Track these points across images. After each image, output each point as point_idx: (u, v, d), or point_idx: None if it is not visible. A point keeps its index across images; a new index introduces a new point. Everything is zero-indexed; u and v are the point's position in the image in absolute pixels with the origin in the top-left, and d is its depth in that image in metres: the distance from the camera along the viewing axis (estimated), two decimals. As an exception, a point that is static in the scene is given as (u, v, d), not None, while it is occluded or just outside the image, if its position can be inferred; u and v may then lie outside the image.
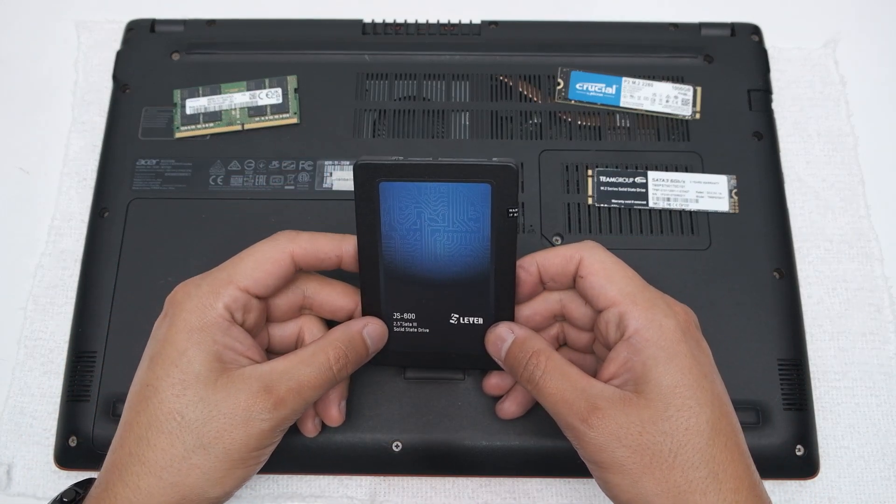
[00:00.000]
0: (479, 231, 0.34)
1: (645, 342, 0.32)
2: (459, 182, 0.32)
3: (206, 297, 0.33)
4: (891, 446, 0.42)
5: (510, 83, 0.47)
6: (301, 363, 0.33)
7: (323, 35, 0.48)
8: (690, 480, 0.30)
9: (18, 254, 0.46)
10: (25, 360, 0.43)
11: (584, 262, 0.34)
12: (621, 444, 0.30)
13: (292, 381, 0.32)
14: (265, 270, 0.34)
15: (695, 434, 0.30)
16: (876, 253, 0.46)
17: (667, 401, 0.31)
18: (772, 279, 0.42)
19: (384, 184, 0.33)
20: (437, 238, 0.34)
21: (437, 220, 0.33)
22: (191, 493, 0.31)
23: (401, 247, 0.34)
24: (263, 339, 0.36)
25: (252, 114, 0.46)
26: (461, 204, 0.33)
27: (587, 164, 0.44)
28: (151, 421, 0.32)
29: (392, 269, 0.35)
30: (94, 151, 0.47)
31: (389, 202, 0.33)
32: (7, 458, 0.41)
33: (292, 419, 0.33)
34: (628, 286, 0.33)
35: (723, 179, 0.44)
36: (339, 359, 0.34)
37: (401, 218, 0.34)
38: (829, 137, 0.48)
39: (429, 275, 0.35)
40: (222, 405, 0.31)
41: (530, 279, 0.35)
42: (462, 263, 0.34)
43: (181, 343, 0.32)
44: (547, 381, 0.32)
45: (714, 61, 0.47)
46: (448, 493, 0.41)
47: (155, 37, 0.48)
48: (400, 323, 0.36)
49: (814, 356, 0.43)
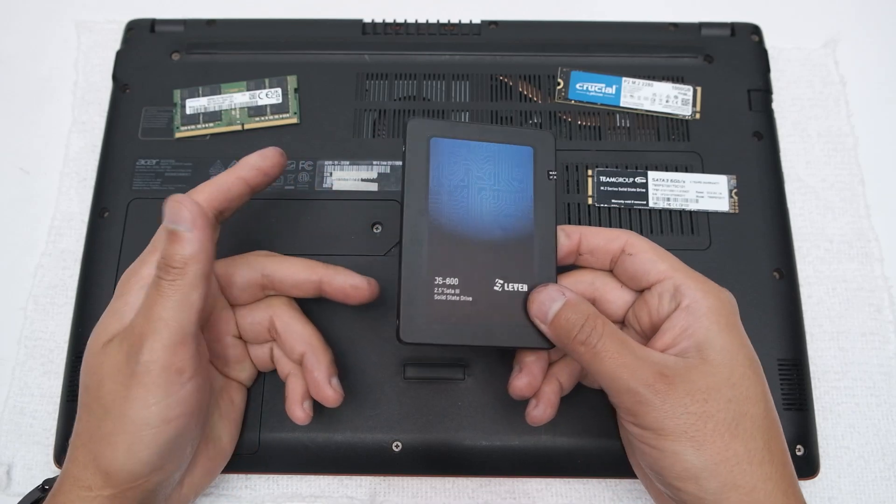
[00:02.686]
0: (523, 191, 0.35)
1: (706, 310, 0.32)
2: (506, 143, 0.35)
3: (133, 267, 0.34)
4: (891, 446, 0.42)
5: (510, 83, 0.47)
6: (145, 293, 0.32)
7: (323, 35, 0.48)
8: (749, 450, 0.30)
9: (18, 254, 0.46)
10: (25, 360, 0.43)
11: (631, 242, 0.35)
12: (686, 411, 0.30)
13: (142, 311, 0.32)
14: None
15: (754, 404, 0.31)
16: (876, 253, 0.46)
17: (731, 368, 0.31)
18: (772, 279, 0.42)
19: (436, 139, 0.34)
20: (484, 196, 0.34)
21: (483, 177, 0.35)
22: (109, 466, 0.31)
23: (448, 203, 0.34)
24: (230, 326, 0.37)
25: (252, 114, 0.46)
26: (507, 163, 0.35)
27: (587, 164, 0.44)
28: (79, 397, 0.33)
29: (438, 228, 0.34)
30: (94, 151, 0.47)
31: (440, 158, 0.34)
32: (7, 458, 0.41)
33: (171, 349, 0.31)
34: (678, 263, 0.34)
35: (723, 179, 0.44)
36: (160, 264, 0.32)
37: (449, 174, 0.34)
38: (829, 137, 0.48)
39: (474, 235, 0.34)
40: (105, 365, 0.32)
41: (569, 245, 0.35)
42: (507, 224, 0.34)
43: (101, 316, 0.34)
44: (607, 345, 0.31)
45: (714, 61, 0.47)
46: (448, 493, 0.41)
47: (155, 37, 0.48)
48: (442, 289, 0.34)
49: (814, 356, 0.43)
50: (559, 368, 0.36)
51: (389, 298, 0.40)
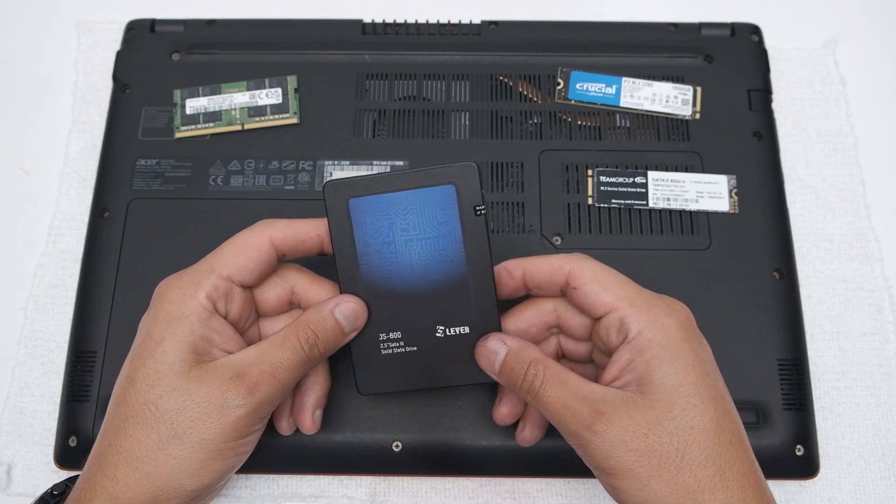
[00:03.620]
0: (451, 234, 0.34)
1: (648, 342, 0.32)
2: (424, 188, 0.34)
3: (186, 287, 0.33)
4: (891, 446, 0.42)
5: (510, 83, 0.47)
6: (272, 346, 0.33)
7: (323, 35, 0.48)
8: (699, 479, 0.30)
9: (18, 254, 0.46)
10: (25, 360, 0.43)
11: (573, 273, 0.34)
12: (628, 448, 0.30)
13: (265, 365, 0.32)
14: (246, 257, 0.34)
15: (700, 433, 0.30)
16: (876, 253, 0.46)
17: (671, 400, 0.30)
18: (772, 279, 0.42)
19: (354, 200, 0.34)
20: (412, 247, 0.34)
21: (408, 228, 0.34)
22: (166, 484, 0.31)
23: (377, 262, 0.34)
24: (253, 335, 0.36)
25: (252, 114, 0.46)
26: (429, 208, 0.34)
27: (587, 164, 0.44)
28: (128, 412, 0.32)
29: (372, 288, 0.35)
30: (94, 151, 0.47)
31: (361, 218, 0.34)
32: (7, 458, 0.41)
33: (269, 405, 0.33)
34: (624, 290, 0.33)
35: (723, 179, 0.44)
36: (309, 338, 0.33)
37: (374, 232, 0.34)
38: (829, 137, 0.48)
39: (409, 287, 0.35)
40: (195, 395, 0.31)
41: (512, 282, 0.35)
42: (439, 270, 0.35)
43: (158, 334, 0.33)
44: (547, 389, 0.32)
45: (714, 61, 0.47)
46: (448, 493, 0.41)
47: (155, 37, 0.48)
48: (387, 345, 0.35)
49: (814, 356, 0.43)
50: None
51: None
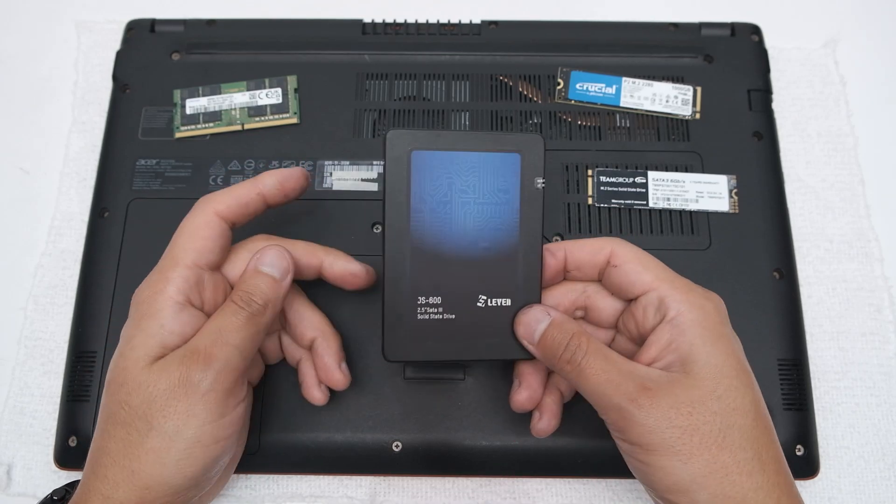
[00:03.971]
0: (509, 203, 0.33)
1: (690, 323, 0.32)
2: (490, 151, 0.33)
3: (156, 284, 0.34)
4: (891, 446, 0.42)
5: (510, 83, 0.47)
6: (216, 317, 0.33)
7: (323, 35, 0.48)
8: (738, 461, 0.30)
9: (18, 254, 0.46)
10: (25, 360, 0.43)
11: (615, 252, 0.34)
12: (671, 425, 0.30)
13: (212, 334, 0.32)
14: (201, 236, 0.34)
15: (741, 415, 0.31)
16: (876, 253, 0.46)
17: (716, 380, 0.31)
18: (772, 279, 0.42)
19: (416, 152, 0.33)
20: (468, 210, 0.33)
21: (467, 190, 0.33)
22: (151, 480, 0.31)
23: (430, 221, 0.33)
24: None
25: (252, 114, 0.46)
26: (492, 173, 0.33)
27: (587, 164, 0.44)
28: (108, 414, 0.32)
29: (420, 247, 0.33)
30: (94, 151, 0.47)
31: (421, 172, 0.33)
32: (7, 458, 0.41)
33: (231, 372, 0.32)
34: (663, 273, 0.34)
35: (723, 179, 0.44)
36: (243, 297, 0.33)
37: (431, 189, 0.33)
38: (829, 137, 0.48)
39: (457, 251, 0.33)
40: (159, 383, 0.31)
41: (555, 264, 0.35)
42: (491, 238, 0.33)
43: (129, 334, 0.33)
44: (591, 362, 0.32)
45: (714, 61, 0.47)
46: (448, 493, 0.41)
47: (155, 37, 0.48)
48: (425, 309, 0.34)
49: (814, 356, 0.43)
50: (559, 378, 0.36)
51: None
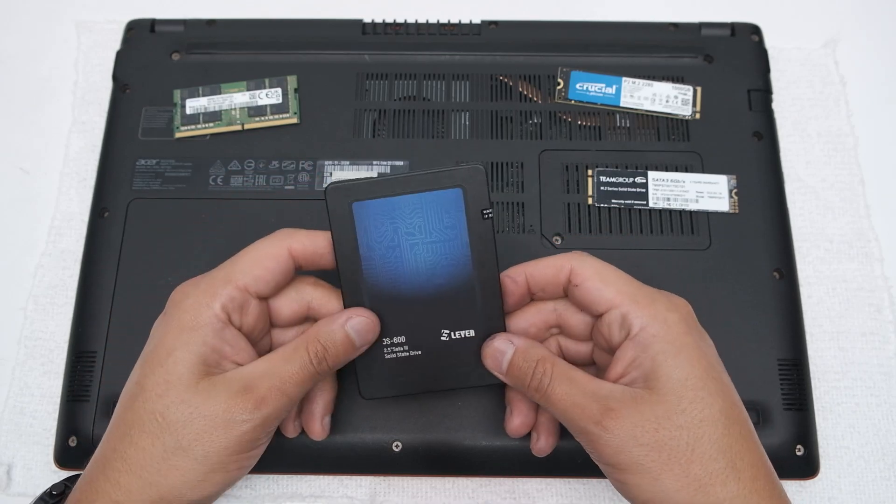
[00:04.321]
0: (458, 238, 0.34)
1: (652, 338, 0.32)
2: (430, 191, 0.34)
3: (202, 296, 0.33)
4: (891, 446, 0.42)
5: (510, 83, 0.47)
6: (281, 360, 0.33)
7: (323, 35, 0.48)
8: (710, 472, 0.30)
9: (18, 254, 0.46)
10: (25, 360, 0.43)
11: (575, 271, 0.34)
12: (638, 443, 0.30)
13: (273, 379, 0.32)
14: (264, 267, 0.34)
15: (710, 425, 0.30)
16: (876, 253, 0.46)
17: (679, 394, 0.31)
18: (772, 279, 0.42)
19: (358, 203, 0.34)
20: (417, 251, 0.34)
21: (413, 233, 0.34)
22: (168, 494, 0.31)
23: (381, 266, 0.34)
24: (265, 346, 0.36)
25: (252, 114, 0.46)
26: (435, 212, 0.34)
27: (587, 164, 0.44)
28: (135, 419, 0.32)
29: (376, 292, 0.34)
30: (94, 151, 0.47)
31: (365, 222, 0.34)
32: (7, 458, 0.41)
33: (276, 419, 0.33)
34: (625, 286, 0.33)
35: (723, 179, 0.44)
36: (318, 352, 0.33)
37: (377, 236, 0.34)
38: (829, 137, 0.48)
39: (414, 291, 0.34)
40: (202, 407, 0.31)
41: (518, 289, 0.35)
42: (445, 274, 0.34)
43: (170, 343, 0.33)
44: (556, 387, 0.32)
45: (714, 61, 0.47)
46: (448, 493, 0.41)
47: (155, 37, 0.48)
48: (391, 349, 0.35)
49: (814, 356, 0.43)
50: None
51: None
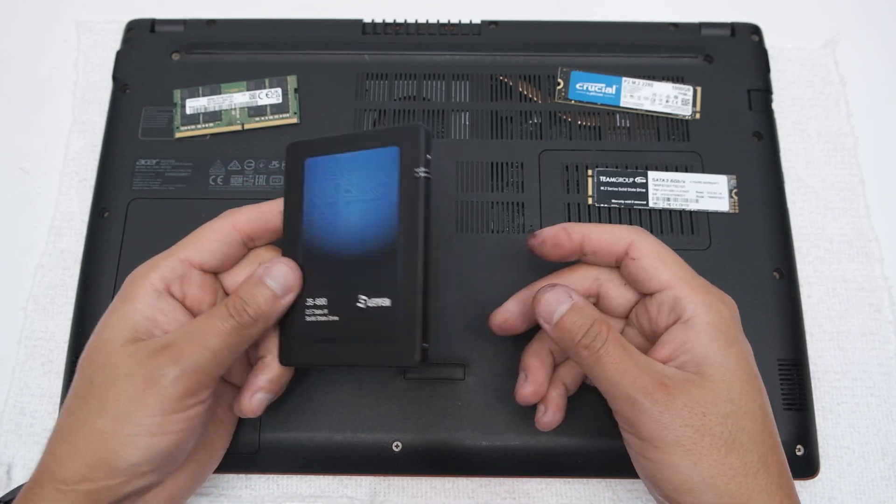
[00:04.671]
0: (388, 197, 0.32)
1: (706, 326, 0.32)
2: (371, 149, 0.33)
3: (143, 269, 0.34)
4: (891, 446, 0.42)
5: (510, 83, 0.47)
6: (202, 318, 0.33)
7: (323, 35, 0.48)
8: (745, 463, 0.30)
9: (18, 254, 0.46)
10: (25, 360, 0.43)
11: (635, 244, 0.34)
12: (684, 423, 0.30)
13: (192, 335, 0.32)
14: (206, 238, 0.35)
15: (751, 419, 0.31)
16: (876, 253, 0.46)
17: (729, 384, 0.31)
18: (772, 279, 0.42)
19: (310, 160, 0.34)
20: (351, 209, 0.33)
21: (351, 190, 0.33)
22: (95, 460, 0.31)
23: (318, 223, 0.33)
24: None
25: (252, 114, 0.46)
26: (372, 170, 0.33)
27: (587, 164, 0.44)
28: (72, 389, 0.33)
29: (309, 248, 0.34)
30: (94, 151, 0.47)
31: (312, 177, 0.34)
32: (7, 458, 0.41)
33: (199, 375, 0.32)
34: (681, 271, 0.34)
35: (723, 179, 0.44)
36: (237, 305, 0.32)
37: (320, 192, 0.34)
38: (829, 137, 0.48)
39: (342, 251, 0.33)
40: (123, 367, 0.31)
41: (569, 244, 0.35)
42: (372, 235, 0.32)
43: (107, 315, 0.33)
44: (610, 349, 0.31)
45: (714, 61, 0.47)
46: (448, 493, 0.41)
47: (155, 37, 0.48)
48: (312, 311, 0.34)
49: (814, 356, 0.43)
50: (564, 371, 0.36)
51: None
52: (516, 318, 0.36)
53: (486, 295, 0.41)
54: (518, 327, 0.37)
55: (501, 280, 0.41)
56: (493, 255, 0.42)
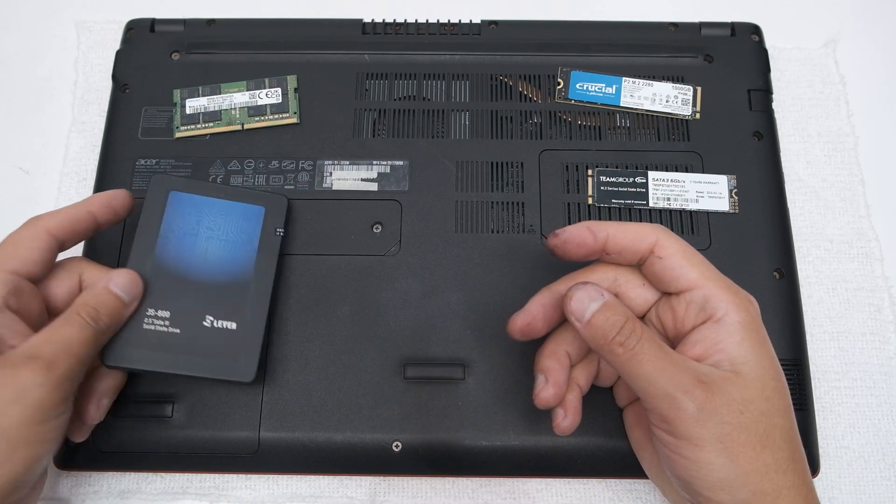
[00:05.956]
0: (249, 243, 0.40)
1: (739, 325, 0.32)
2: (241, 202, 0.40)
3: None
4: (891, 446, 0.42)
5: (510, 83, 0.47)
6: (61, 326, 0.33)
7: (323, 35, 0.48)
8: (777, 460, 0.30)
9: (18, 254, 0.46)
10: (25, 360, 0.43)
11: (661, 243, 0.33)
12: (723, 421, 0.30)
13: (58, 343, 0.32)
14: (26, 247, 0.35)
15: (782, 416, 0.31)
16: (876, 253, 0.46)
17: (764, 383, 0.31)
18: (772, 279, 0.42)
19: (175, 192, 0.40)
20: (211, 244, 0.39)
21: (214, 228, 0.39)
22: None
23: (174, 246, 0.38)
24: None
25: (252, 114, 0.46)
26: (238, 219, 0.40)
27: (587, 164, 0.44)
28: None
29: (160, 266, 0.38)
30: (94, 151, 0.47)
31: (175, 208, 0.39)
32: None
33: (69, 381, 0.32)
34: (708, 270, 0.33)
35: (723, 179, 0.44)
36: (91, 313, 0.34)
37: (182, 222, 0.39)
38: (829, 137, 0.48)
39: (195, 276, 0.38)
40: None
41: (594, 244, 0.34)
42: (228, 269, 0.39)
43: None
44: (646, 347, 0.31)
45: (714, 61, 0.47)
46: (448, 493, 0.41)
47: (155, 37, 0.48)
48: (151, 320, 0.37)
49: (814, 356, 0.43)
50: (578, 373, 0.36)
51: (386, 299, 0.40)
52: (539, 321, 0.35)
53: (487, 295, 0.41)
54: (540, 331, 0.36)
55: (501, 280, 0.41)
56: (494, 255, 0.42)
